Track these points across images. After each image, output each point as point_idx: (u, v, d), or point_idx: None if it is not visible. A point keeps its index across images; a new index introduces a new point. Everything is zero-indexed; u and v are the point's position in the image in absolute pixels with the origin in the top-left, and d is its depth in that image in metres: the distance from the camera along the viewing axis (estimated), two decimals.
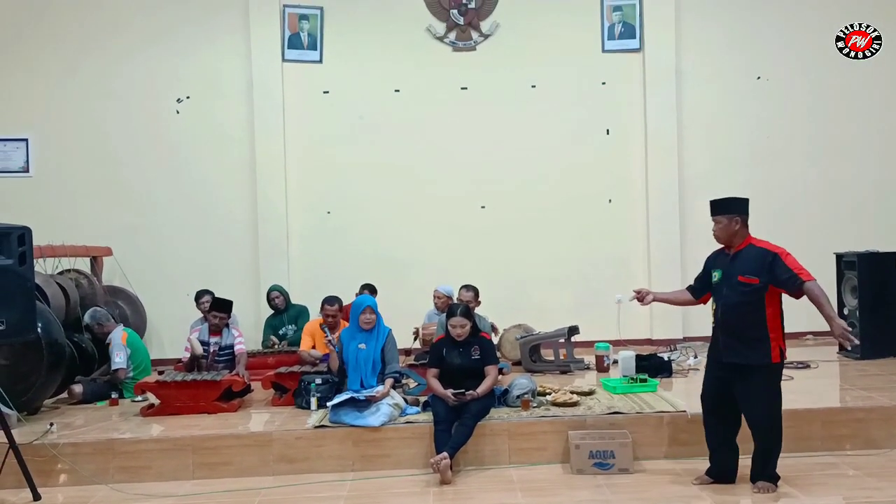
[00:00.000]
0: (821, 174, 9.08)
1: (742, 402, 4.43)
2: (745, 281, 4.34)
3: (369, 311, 5.66)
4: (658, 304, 8.61)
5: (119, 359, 6.58)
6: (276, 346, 7.85)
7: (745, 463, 4.60)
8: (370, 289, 7.82)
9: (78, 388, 6.48)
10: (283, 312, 8.17)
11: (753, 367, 4.33)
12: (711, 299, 4.59)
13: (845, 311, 7.51)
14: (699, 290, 4.72)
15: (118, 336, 6.72)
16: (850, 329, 4.15)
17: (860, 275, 7.30)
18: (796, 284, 4.24)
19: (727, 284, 4.42)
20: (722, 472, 4.59)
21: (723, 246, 4.57)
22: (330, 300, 6.85)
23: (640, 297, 4.83)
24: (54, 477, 5.08)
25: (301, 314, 8.17)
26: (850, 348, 4.25)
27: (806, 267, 4.42)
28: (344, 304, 6.98)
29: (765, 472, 4.47)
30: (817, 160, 9.09)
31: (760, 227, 9.45)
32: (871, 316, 7.24)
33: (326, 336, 5.97)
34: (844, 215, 8.99)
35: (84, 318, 6.94)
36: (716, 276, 4.53)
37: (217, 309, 6.59)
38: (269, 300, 8.21)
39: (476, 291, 7.08)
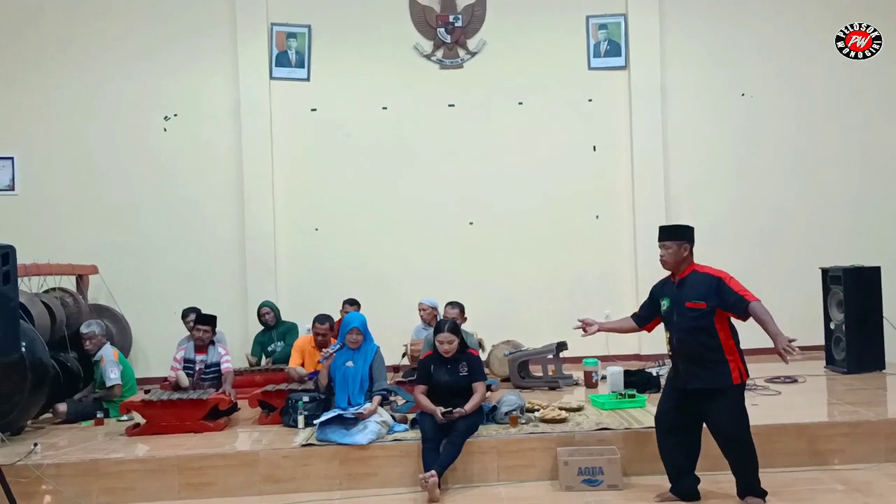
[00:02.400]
0: (806, 189, 9.15)
1: (710, 424, 4.47)
2: (692, 307, 4.39)
3: (356, 332, 5.65)
4: None
5: (114, 375, 6.54)
6: (257, 365, 7.81)
7: (718, 478, 4.60)
8: (352, 303, 7.82)
9: (62, 407, 6.42)
10: (273, 329, 8.13)
11: (717, 390, 4.37)
12: (664, 328, 4.62)
13: (832, 326, 7.55)
14: (645, 318, 4.78)
15: (110, 352, 6.68)
16: (792, 343, 4.14)
17: (846, 289, 7.34)
18: (742, 306, 4.28)
19: (677, 311, 4.47)
20: (685, 490, 4.60)
21: (668, 274, 4.61)
22: (321, 319, 6.86)
23: (584, 326, 4.88)
24: (38, 498, 5.02)
25: (290, 331, 8.13)
26: (787, 362, 4.22)
27: (792, 281, 4.45)
28: (335, 320, 6.97)
29: (752, 488, 4.48)
30: (802, 175, 9.17)
31: (746, 243, 9.57)
32: (857, 330, 7.27)
33: (324, 355, 5.80)
34: (830, 230, 9.04)
35: (85, 327, 6.82)
36: (664, 304, 4.58)
37: (201, 322, 6.56)
38: (260, 316, 8.17)
39: (462, 308, 7.08)
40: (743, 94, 9.18)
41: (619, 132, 9.16)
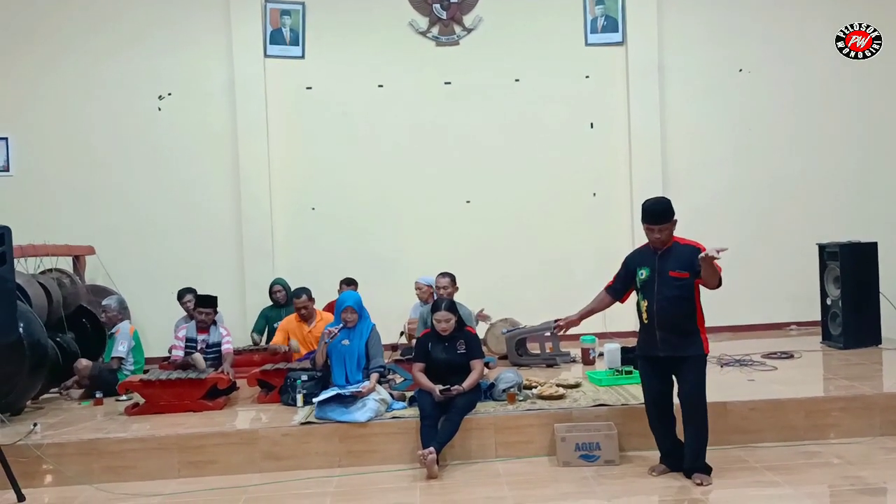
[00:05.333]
0: (803, 166, 9.12)
1: (680, 391, 4.58)
2: (676, 276, 4.47)
3: (350, 311, 5.66)
4: None
5: (122, 347, 6.75)
6: (260, 344, 7.82)
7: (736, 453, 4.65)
8: (349, 282, 7.81)
9: (86, 362, 6.59)
10: (283, 307, 8.13)
11: (687, 358, 4.49)
12: (640, 297, 4.66)
13: (828, 302, 7.58)
14: (621, 290, 4.87)
15: (127, 327, 6.91)
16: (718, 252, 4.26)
17: (842, 265, 7.35)
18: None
19: (659, 280, 4.52)
20: (676, 461, 4.68)
21: (645, 244, 4.68)
22: (297, 293, 6.93)
23: (564, 327, 5.05)
24: (39, 478, 5.04)
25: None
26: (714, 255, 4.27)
27: (789, 258, 4.49)
28: (321, 296, 7.05)
29: (698, 464, 4.56)
30: (800, 152, 9.14)
31: (743, 219, 9.56)
32: (854, 306, 7.29)
33: (324, 336, 5.79)
34: (827, 206, 9.03)
35: (109, 300, 7.03)
36: (643, 273, 4.61)
37: (202, 305, 6.58)
38: (272, 293, 8.19)
39: (452, 278, 7.05)
40: (741, 71, 9.13)
41: (616, 109, 9.11)
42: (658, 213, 4.53)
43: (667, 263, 4.50)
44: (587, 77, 9.13)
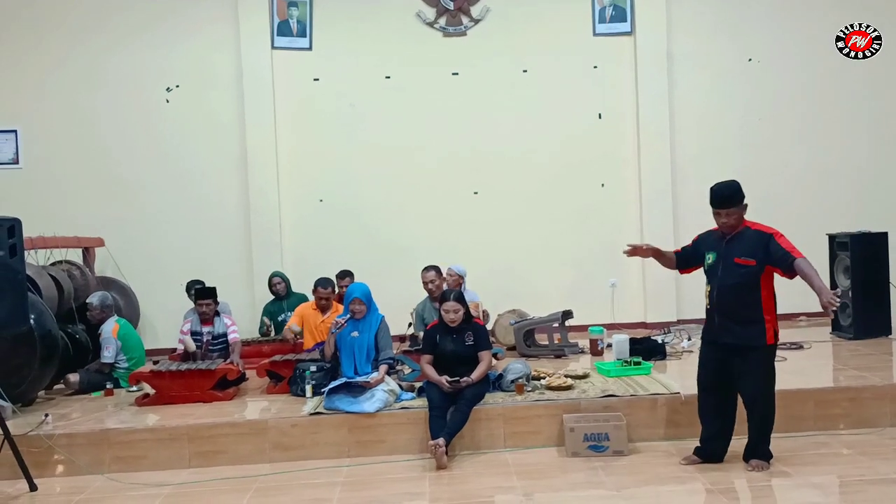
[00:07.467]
0: (812, 155, 9.08)
1: (738, 380, 4.47)
2: (741, 262, 4.38)
3: (358, 302, 5.66)
4: (652, 287, 8.69)
5: (108, 353, 6.56)
6: (271, 333, 7.84)
7: (735, 444, 4.64)
8: (343, 275, 7.82)
9: (74, 377, 6.48)
10: (284, 299, 8.14)
11: (749, 348, 4.38)
12: (706, 280, 4.61)
13: (838, 292, 7.51)
14: (684, 262, 4.81)
15: (109, 329, 6.66)
16: (837, 297, 4.22)
17: (853, 255, 7.33)
18: (788, 261, 4.29)
19: (723, 266, 4.45)
20: (711, 452, 4.64)
21: (715, 228, 4.56)
22: (323, 283, 6.94)
23: (635, 250, 4.86)
24: (50, 468, 5.09)
25: (302, 302, 8.14)
26: (830, 316, 4.37)
27: (798, 247, 4.45)
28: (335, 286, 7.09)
29: (758, 451, 4.53)
30: (809, 142, 9.09)
31: (752, 210, 9.46)
32: (864, 296, 7.27)
33: (333, 329, 5.79)
34: (837, 196, 9.00)
35: (91, 298, 6.85)
36: (710, 258, 4.55)
37: (201, 297, 6.58)
38: (271, 286, 8.18)
39: (438, 270, 7.10)
40: (750, 60, 9.07)
41: (624, 99, 9.08)
42: (725, 196, 4.45)
43: (733, 249, 4.42)
44: (595, 67, 9.09)
